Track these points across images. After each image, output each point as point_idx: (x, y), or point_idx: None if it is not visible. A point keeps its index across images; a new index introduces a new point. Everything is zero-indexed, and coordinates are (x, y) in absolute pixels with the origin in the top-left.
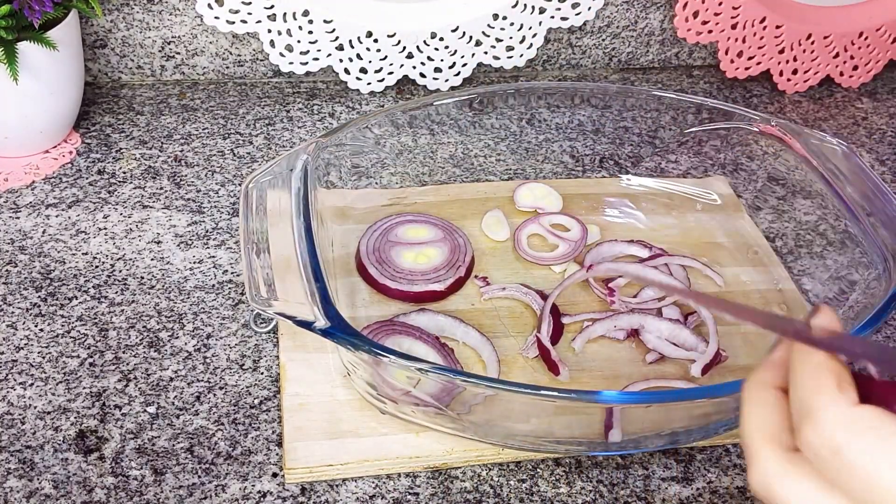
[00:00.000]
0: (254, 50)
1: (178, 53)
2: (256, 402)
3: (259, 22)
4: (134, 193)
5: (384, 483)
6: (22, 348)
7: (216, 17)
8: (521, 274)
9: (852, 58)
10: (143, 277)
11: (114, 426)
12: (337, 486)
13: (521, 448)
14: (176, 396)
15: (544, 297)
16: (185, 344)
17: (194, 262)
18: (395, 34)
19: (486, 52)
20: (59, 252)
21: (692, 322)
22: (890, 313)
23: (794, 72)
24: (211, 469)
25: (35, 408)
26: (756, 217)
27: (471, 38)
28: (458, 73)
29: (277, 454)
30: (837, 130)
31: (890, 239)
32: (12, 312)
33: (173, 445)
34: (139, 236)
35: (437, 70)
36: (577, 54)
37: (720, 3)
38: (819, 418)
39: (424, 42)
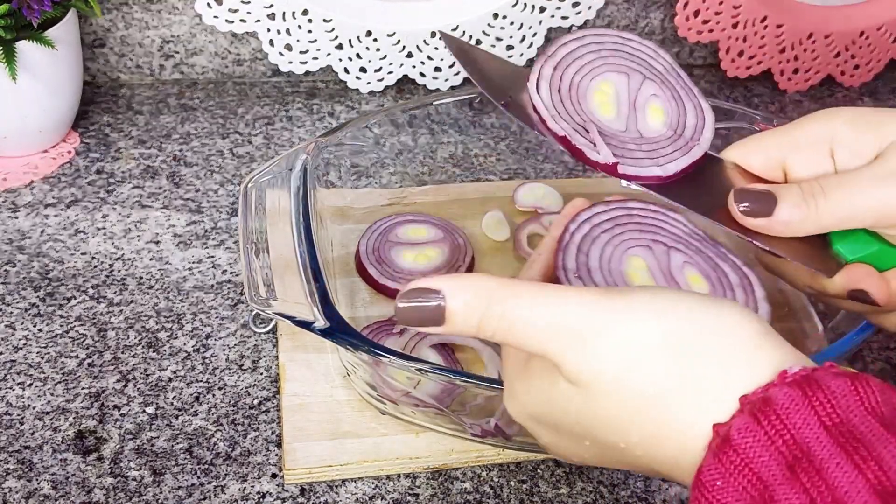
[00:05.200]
0: (253, 49)
1: (177, 53)
2: (256, 402)
3: (258, 21)
4: (133, 193)
5: (384, 484)
6: (20, 348)
7: (215, 17)
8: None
9: (853, 57)
10: (141, 277)
11: (113, 427)
12: (336, 486)
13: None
14: (175, 397)
15: None
16: (184, 344)
17: (193, 262)
18: (395, 34)
19: None
20: (57, 252)
21: None
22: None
23: (795, 71)
24: (210, 470)
25: (34, 408)
26: None
27: (471, 37)
28: (458, 72)
29: (277, 455)
30: None
31: None
32: (11, 312)
33: (172, 446)
34: (138, 236)
35: (437, 70)
36: None
37: (721, 3)
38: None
39: (424, 42)
